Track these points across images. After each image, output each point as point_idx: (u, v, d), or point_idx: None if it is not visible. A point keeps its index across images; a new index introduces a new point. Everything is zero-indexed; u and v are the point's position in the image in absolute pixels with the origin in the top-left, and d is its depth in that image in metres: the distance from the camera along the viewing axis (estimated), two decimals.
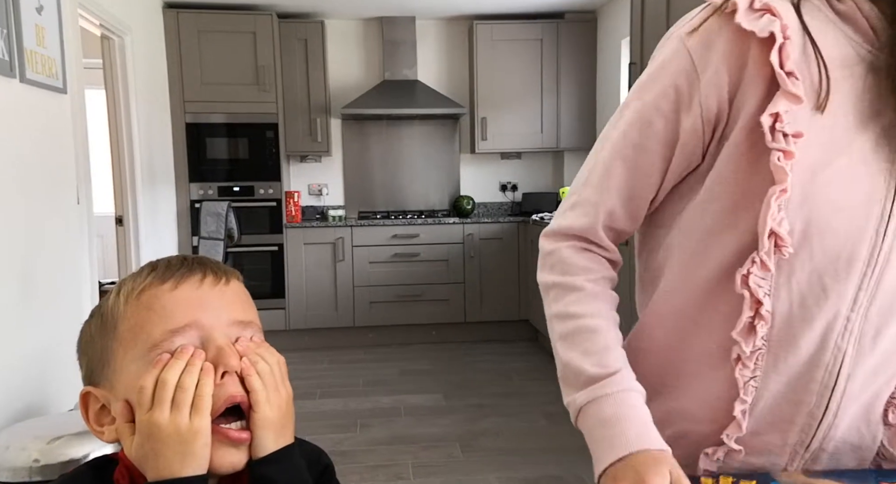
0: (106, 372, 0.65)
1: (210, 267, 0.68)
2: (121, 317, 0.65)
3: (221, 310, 0.66)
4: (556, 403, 3.35)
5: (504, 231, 4.58)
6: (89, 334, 0.68)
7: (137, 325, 0.64)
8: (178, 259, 0.68)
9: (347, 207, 4.93)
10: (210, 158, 4.32)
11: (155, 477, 0.62)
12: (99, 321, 0.66)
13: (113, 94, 3.46)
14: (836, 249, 0.66)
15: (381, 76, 4.79)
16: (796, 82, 0.63)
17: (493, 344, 4.55)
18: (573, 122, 4.75)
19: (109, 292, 0.69)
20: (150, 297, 0.64)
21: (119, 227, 3.53)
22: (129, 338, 0.64)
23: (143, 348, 0.63)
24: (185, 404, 0.61)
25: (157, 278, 0.65)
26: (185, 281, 0.65)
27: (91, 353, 0.67)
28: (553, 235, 0.78)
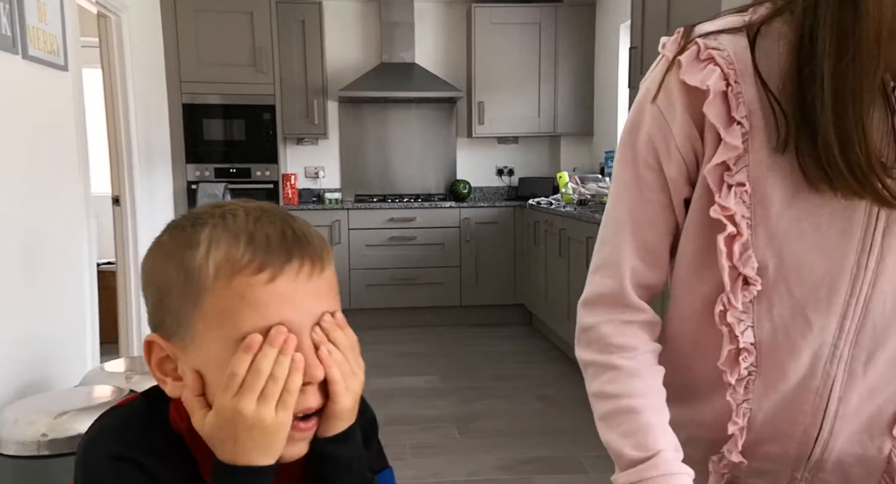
0: (180, 331, 0.62)
1: (309, 251, 0.63)
2: (208, 290, 0.60)
3: (313, 305, 0.63)
4: (550, 385, 3.40)
5: (500, 215, 4.60)
6: (162, 275, 0.63)
7: (226, 309, 0.60)
8: (277, 232, 0.62)
9: (344, 190, 4.93)
10: (207, 140, 4.30)
11: (228, 460, 0.61)
12: (181, 276, 0.61)
13: (109, 73, 3.43)
14: (815, 282, 0.67)
15: (378, 58, 4.77)
16: (735, 131, 0.64)
17: (488, 327, 4.58)
18: (571, 107, 4.76)
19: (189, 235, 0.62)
20: (243, 285, 0.60)
21: (116, 208, 3.52)
22: (215, 318, 0.61)
23: (230, 335, 0.60)
24: (273, 397, 0.60)
25: (253, 263, 0.60)
26: (282, 272, 0.61)
27: (163, 300, 0.63)
28: (588, 305, 0.77)
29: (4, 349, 2.04)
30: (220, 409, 0.61)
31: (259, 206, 0.65)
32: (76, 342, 2.54)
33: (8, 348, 2.06)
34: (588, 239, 3.28)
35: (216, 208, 0.65)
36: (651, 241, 0.74)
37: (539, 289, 4.25)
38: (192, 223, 0.63)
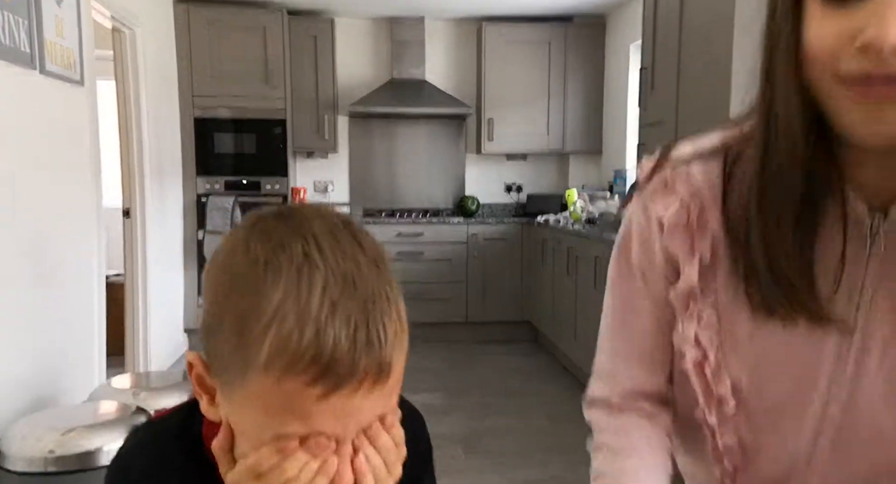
0: (221, 377, 0.58)
1: (378, 358, 0.54)
2: (257, 372, 0.54)
3: (367, 416, 0.57)
4: (558, 403, 3.38)
5: (508, 232, 4.60)
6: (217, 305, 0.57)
7: (269, 405, 0.55)
8: (349, 334, 0.53)
9: (352, 205, 4.94)
10: (217, 153, 4.33)
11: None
12: (235, 332, 0.55)
13: (123, 86, 3.47)
14: (783, 399, 0.66)
15: (389, 75, 4.79)
16: (693, 263, 0.64)
17: (494, 344, 4.56)
18: (579, 124, 4.77)
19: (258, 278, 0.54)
20: (292, 390, 0.53)
21: (126, 220, 3.53)
22: (255, 403, 0.55)
23: (267, 426, 0.56)
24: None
25: (308, 373, 0.52)
26: (339, 389, 0.53)
27: (213, 333, 0.57)
28: (587, 405, 0.78)
29: (13, 363, 2.04)
30: (228, 479, 0.58)
31: (345, 271, 0.55)
32: (84, 356, 2.54)
33: (16, 362, 2.06)
34: (596, 258, 3.27)
35: (297, 242, 0.56)
36: (645, 348, 0.73)
37: (546, 306, 4.24)
38: (267, 260, 0.55)
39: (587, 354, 3.04)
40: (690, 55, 2.32)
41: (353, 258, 0.56)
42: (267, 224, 0.58)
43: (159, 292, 3.76)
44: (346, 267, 0.55)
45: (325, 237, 0.57)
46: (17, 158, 2.08)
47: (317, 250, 0.55)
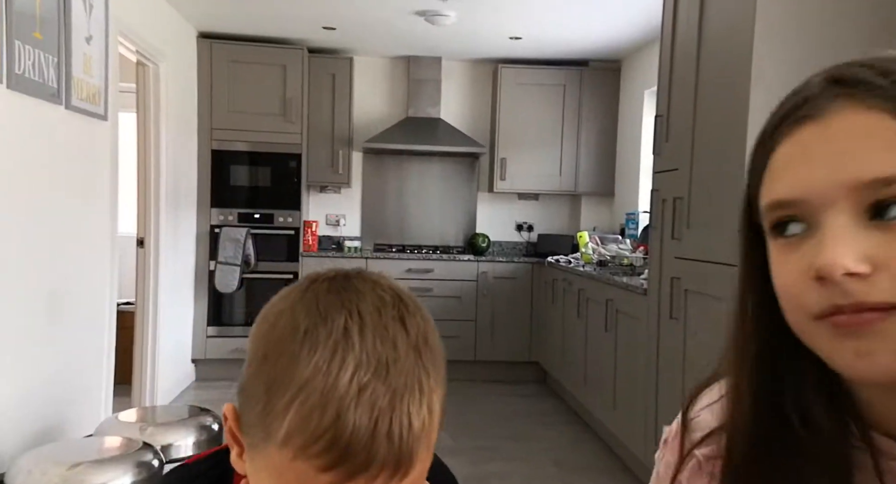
0: (249, 439, 0.58)
1: (396, 452, 0.52)
2: (275, 445, 0.53)
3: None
4: (566, 449, 3.32)
5: (518, 271, 4.59)
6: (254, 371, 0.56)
7: (280, 477, 0.54)
8: (369, 424, 0.51)
9: (363, 239, 4.96)
10: (233, 185, 4.38)
11: None
12: (261, 402, 0.54)
13: (144, 119, 3.53)
14: None
15: (404, 112, 4.86)
16: None
17: (501, 384, 4.52)
18: (592, 166, 4.79)
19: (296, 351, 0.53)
20: (302, 473, 0.52)
21: (140, 249, 3.56)
22: (273, 475, 0.55)
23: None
24: None
25: (321, 459, 0.51)
26: (352, 480, 0.52)
27: (248, 391, 0.57)
28: None
29: (22, 393, 2.04)
30: None
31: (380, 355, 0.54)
32: (92, 388, 2.53)
33: (25, 393, 2.06)
34: (608, 301, 3.26)
35: (341, 314, 0.55)
36: None
37: (555, 348, 4.20)
38: (307, 330, 0.54)
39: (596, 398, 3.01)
40: (706, 104, 2.34)
41: (393, 341, 0.55)
42: (318, 290, 0.57)
43: (169, 322, 3.76)
44: (382, 351, 0.54)
45: (369, 315, 0.55)
46: (38, 188, 2.11)
47: (357, 328, 0.54)
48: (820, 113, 0.48)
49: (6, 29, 1.84)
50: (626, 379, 3.04)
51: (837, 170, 0.46)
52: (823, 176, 0.47)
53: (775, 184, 0.50)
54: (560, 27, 4.04)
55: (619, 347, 3.15)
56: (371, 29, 4.19)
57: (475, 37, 4.31)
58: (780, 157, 0.50)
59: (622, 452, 3.17)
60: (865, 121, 0.47)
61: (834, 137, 0.47)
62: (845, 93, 0.48)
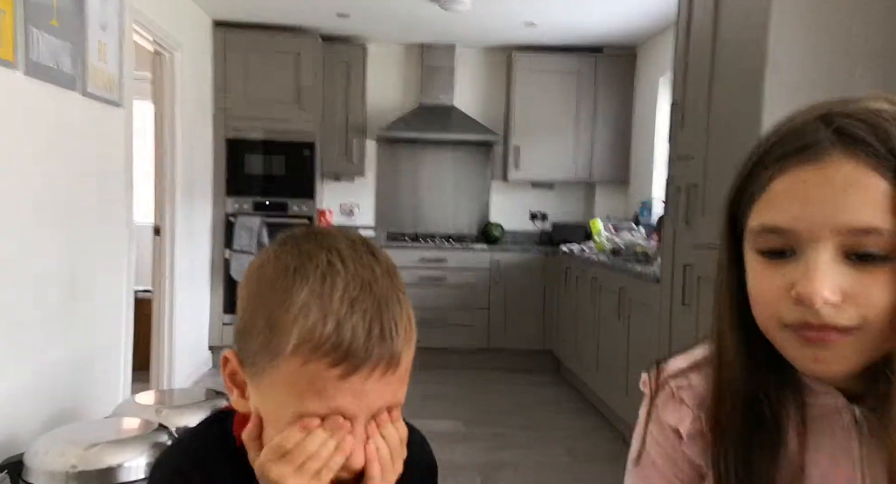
0: (253, 369, 0.65)
1: (390, 349, 0.63)
2: (284, 358, 0.62)
3: (377, 400, 0.65)
4: (578, 437, 3.32)
5: (532, 260, 4.58)
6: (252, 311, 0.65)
7: (294, 385, 0.62)
8: (365, 326, 0.62)
9: (377, 228, 4.98)
10: (247, 174, 4.40)
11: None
12: (266, 329, 0.63)
13: (160, 107, 3.56)
14: None
15: (418, 100, 4.86)
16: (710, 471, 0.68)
17: (515, 373, 4.52)
18: (607, 154, 4.76)
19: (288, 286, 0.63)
20: (315, 372, 0.61)
21: (156, 237, 3.60)
22: (282, 385, 0.63)
23: (291, 406, 0.63)
24: (309, 472, 0.63)
25: (330, 356, 0.61)
26: (357, 372, 0.62)
27: (247, 334, 0.65)
28: None
29: (41, 376, 2.08)
30: (260, 465, 0.65)
31: (363, 276, 0.64)
32: (109, 371, 2.57)
33: (44, 375, 2.09)
34: (620, 289, 3.24)
35: (321, 252, 0.65)
36: None
37: (568, 337, 4.20)
38: (296, 267, 0.64)
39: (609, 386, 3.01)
40: (721, 91, 2.32)
41: (370, 267, 0.66)
42: (296, 240, 0.67)
43: (186, 309, 3.80)
44: (363, 274, 0.65)
45: (346, 250, 0.66)
46: (55, 173, 2.14)
47: (339, 260, 0.65)
48: (821, 158, 0.56)
49: (24, 17, 1.86)
50: (638, 367, 3.02)
51: (830, 214, 0.55)
52: (817, 216, 0.56)
53: (771, 211, 0.59)
54: (575, 13, 4.01)
55: (631, 335, 3.14)
56: (385, 15, 4.18)
57: (489, 23, 4.28)
58: (779, 189, 0.58)
59: None
60: (860, 177, 0.55)
61: (831, 184, 0.56)
62: (845, 146, 0.56)
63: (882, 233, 0.54)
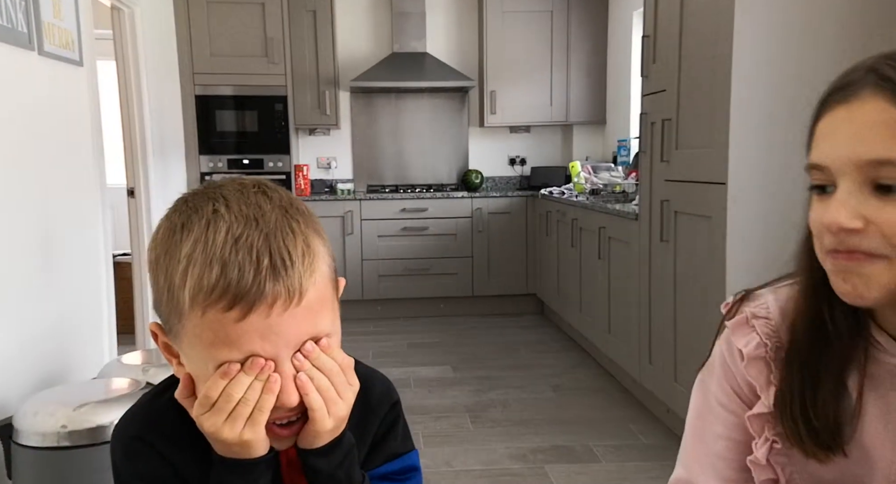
0: (171, 335, 0.66)
1: (285, 282, 0.60)
2: (185, 314, 0.61)
3: (290, 335, 0.63)
4: (563, 375, 3.41)
5: (512, 205, 4.59)
6: (154, 275, 0.64)
7: (201, 338, 0.61)
8: (253, 261, 0.60)
9: (356, 181, 4.94)
10: (219, 131, 4.33)
11: (220, 452, 0.66)
12: (166, 288, 0.63)
13: (123, 65, 3.46)
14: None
15: (389, 48, 4.75)
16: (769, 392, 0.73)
17: (500, 317, 4.59)
18: (583, 95, 4.73)
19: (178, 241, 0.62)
20: (214, 320, 0.60)
21: (131, 200, 3.55)
22: (194, 340, 0.62)
23: (207, 358, 0.63)
24: (242, 417, 0.63)
25: (223, 300, 0.59)
26: (253, 310, 0.59)
27: (158, 299, 0.65)
28: None
29: (24, 341, 2.08)
30: (196, 420, 0.65)
31: (248, 213, 0.62)
32: (94, 333, 2.58)
33: (28, 340, 2.09)
34: (600, 229, 3.27)
35: (208, 202, 0.64)
36: (719, 466, 0.79)
37: (551, 279, 4.25)
38: (183, 223, 0.63)
39: (592, 324, 3.08)
40: (692, 23, 2.29)
41: (257, 205, 0.63)
42: (186, 198, 0.66)
43: None
44: (248, 212, 0.63)
45: (232, 195, 0.64)
46: (19, 139, 2.09)
47: (224, 205, 0.63)
48: (852, 98, 0.61)
49: None
50: (619, 304, 3.09)
51: (851, 149, 0.60)
52: (841, 152, 0.61)
53: (813, 151, 0.65)
54: None
55: (612, 274, 3.19)
56: None
57: None
58: (819, 130, 0.64)
59: (618, 373, 3.25)
60: (882, 112, 0.58)
61: (855, 120, 0.60)
62: (876, 85, 0.60)
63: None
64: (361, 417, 0.76)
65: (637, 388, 2.99)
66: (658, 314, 2.63)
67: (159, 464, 0.69)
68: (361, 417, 0.76)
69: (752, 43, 2.01)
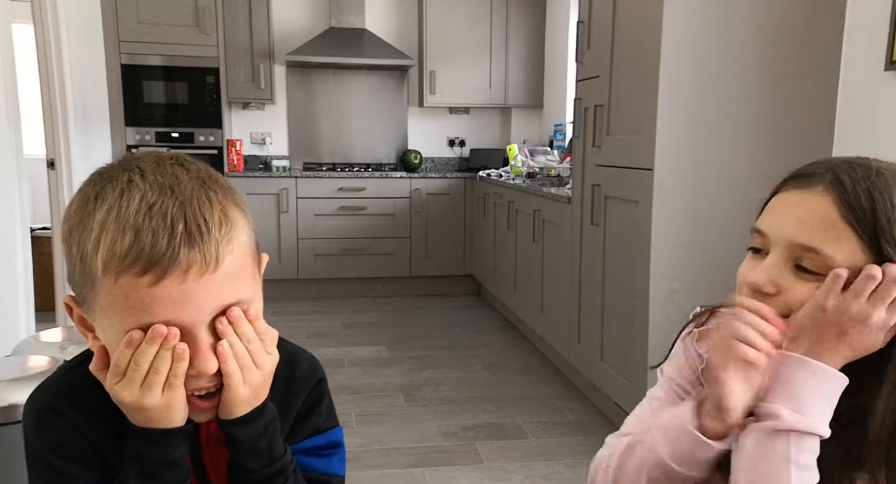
0: (85, 305, 0.65)
1: (200, 248, 0.60)
2: (98, 281, 0.61)
3: (206, 302, 0.62)
4: (497, 354, 3.47)
5: (451, 187, 4.61)
6: (68, 247, 0.64)
7: (114, 304, 0.61)
8: (166, 227, 0.59)
9: (292, 158, 4.85)
10: (147, 102, 4.15)
11: (137, 423, 0.65)
12: (79, 257, 0.62)
13: (42, 29, 3.26)
14: None
15: (327, 23, 4.66)
16: None
17: (437, 298, 4.62)
18: (522, 78, 4.76)
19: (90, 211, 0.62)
20: (127, 285, 0.59)
21: (51, 171, 3.38)
22: (107, 308, 0.62)
23: (119, 326, 0.62)
24: (156, 385, 0.63)
25: (136, 266, 0.59)
26: (166, 276, 0.59)
27: (72, 271, 0.64)
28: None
29: None
30: (110, 392, 0.64)
31: (163, 182, 0.62)
32: (9, 311, 2.45)
33: None
34: (535, 212, 3.33)
35: (124, 173, 0.63)
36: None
37: (487, 260, 4.30)
38: (97, 194, 0.63)
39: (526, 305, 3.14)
40: (624, 9, 2.34)
41: (174, 175, 0.63)
42: (100, 171, 0.65)
43: None
44: (164, 181, 0.62)
45: (148, 166, 0.64)
46: None
47: (139, 175, 0.63)
48: (807, 187, 0.71)
49: None
50: (552, 285, 3.16)
51: (790, 229, 0.71)
52: (782, 228, 0.72)
53: (762, 218, 0.75)
54: None
55: (545, 256, 3.25)
56: None
57: None
58: (772, 203, 0.75)
59: (549, 352, 3.34)
60: (828, 211, 0.68)
61: (802, 207, 0.70)
62: (832, 186, 0.69)
63: (820, 254, 0.68)
64: (286, 391, 0.76)
65: (566, 366, 3.08)
66: (587, 295, 2.70)
67: (72, 435, 0.68)
68: (286, 391, 0.76)
69: (680, 31, 2.07)
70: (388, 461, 2.31)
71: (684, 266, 2.15)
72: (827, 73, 2.15)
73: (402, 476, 2.21)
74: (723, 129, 2.14)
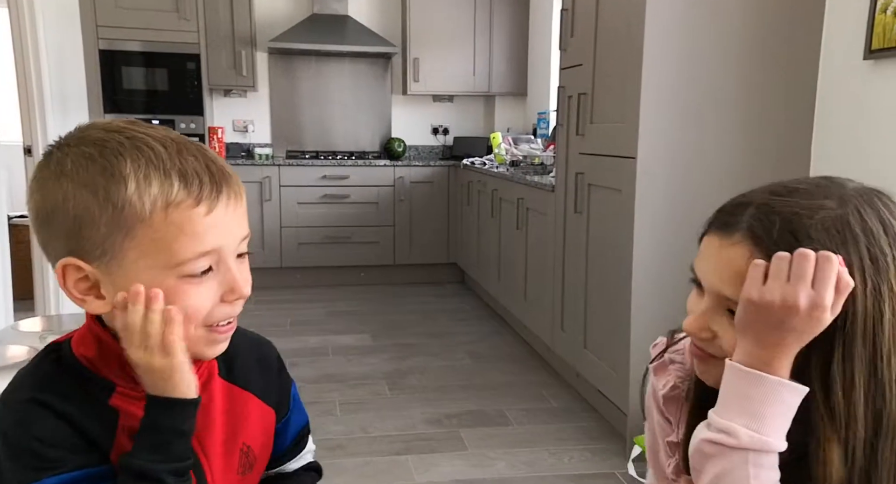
0: (104, 258, 0.66)
1: (231, 183, 0.69)
2: (143, 222, 0.64)
3: (237, 231, 0.70)
4: (480, 342, 3.48)
5: (435, 175, 4.60)
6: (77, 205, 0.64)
7: (164, 239, 0.65)
8: (203, 168, 0.67)
9: (275, 146, 4.81)
10: (127, 89, 4.09)
11: (150, 392, 0.68)
12: (108, 209, 0.64)
13: (17, 12, 3.19)
14: None
15: (310, 9, 4.61)
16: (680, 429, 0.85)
17: (421, 286, 4.62)
18: (505, 66, 4.75)
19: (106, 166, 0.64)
20: (182, 217, 0.65)
21: (28, 158, 3.32)
22: (150, 247, 0.65)
23: (167, 262, 0.66)
24: (154, 347, 0.66)
25: (190, 197, 0.65)
26: (216, 204, 0.67)
27: (82, 230, 0.65)
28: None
29: None
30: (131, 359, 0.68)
31: (166, 135, 0.68)
32: None
33: None
34: (519, 200, 3.33)
35: (120, 135, 0.66)
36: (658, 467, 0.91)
37: (471, 248, 4.31)
38: (100, 152, 0.64)
39: (509, 293, 3.15)
40: None
41: (154, 130, 0.68)
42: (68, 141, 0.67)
43: None
44: (165, 133, 0.68)
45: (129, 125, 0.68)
46: None
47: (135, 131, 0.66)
48: (726, 234, 0.71)
49: None
50: (536, 273, 3.17)
51: (714, 280, 0.72)
52: (709, 277, 0.73)
53: (696, 259, 0.76)
54: None
55: (529, 244, 3.26)
56: None
57: None
58: (703, 244, 0.75)
59: (533, 340, 3.36)
60: (744, 257, 0.68)
61: (721, 257, 0.71)
62: (751, 234, 0.68)
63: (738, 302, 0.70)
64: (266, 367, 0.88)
65: (550, 354, 3.10)
66: (571, 283, 2.72)
67: (56, 424, 0.68)
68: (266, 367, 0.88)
69: (663, 21, 2.07)
70: (373, 449, 2.32)
71: (667, 254, 2.17)
72: (808, 61, 2.17)
73: (386, 463, 2.22)
74: (705, 117, 2.15)
